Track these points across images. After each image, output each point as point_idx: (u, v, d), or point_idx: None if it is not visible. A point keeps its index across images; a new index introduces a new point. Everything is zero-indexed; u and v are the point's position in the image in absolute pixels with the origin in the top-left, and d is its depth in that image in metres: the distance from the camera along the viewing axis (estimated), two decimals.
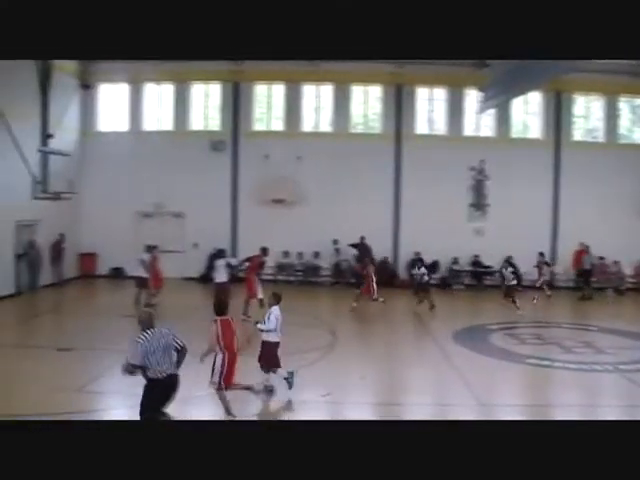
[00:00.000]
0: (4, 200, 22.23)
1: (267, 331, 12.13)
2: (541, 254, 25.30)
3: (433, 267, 27.66)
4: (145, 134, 29.38)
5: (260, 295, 19.47)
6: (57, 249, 26.11)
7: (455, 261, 27.88)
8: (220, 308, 10.89)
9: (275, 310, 12.31)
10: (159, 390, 9.08)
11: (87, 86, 29.04)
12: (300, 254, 28.31)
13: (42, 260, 24.97)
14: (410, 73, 27.31)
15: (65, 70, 26.69)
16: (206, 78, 28.85)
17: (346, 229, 26.98)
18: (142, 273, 21.03)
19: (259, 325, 12.33)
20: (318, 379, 13.57)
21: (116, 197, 28.51)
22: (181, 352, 9.43)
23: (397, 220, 28.54)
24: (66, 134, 27.05)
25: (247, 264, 20.82)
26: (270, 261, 24.40)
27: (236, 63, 27.77)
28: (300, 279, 27.92)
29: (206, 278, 24.83)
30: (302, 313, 20.19)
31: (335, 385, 13.11)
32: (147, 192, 28.47)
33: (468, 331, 18.95)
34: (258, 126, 29.70)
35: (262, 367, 12.33)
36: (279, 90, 29.27)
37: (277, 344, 12.29)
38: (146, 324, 9.25)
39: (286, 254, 28.27)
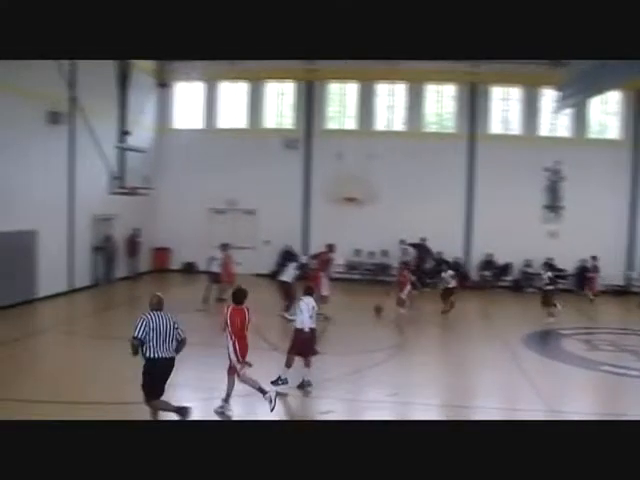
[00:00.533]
0: (83, 194, 22.99)
1: (300, 320, 12.27)
2: (593, 258, 24.29)
3: (505, 270, 27.29)
4: (219, 132, 29.82)
5: (325, 292, 19.56)
6: (132, 243, 26.79)
7: (528, 264, 27.37)
8: (236, 297, 11.03)
9: (306, 299, 12.46)
10: (152, 370, 9.58)
11: (164, 84, 29.72)
12: (371, 253, 28.29)
13: (118, 253, 25.66)
14: (485, 72, 26.97)
15: (143, 69, 27.30)
16: (280, 77, 29.07)
17: (418, 229, 26.86)
18: (215, 269, 21.39)
19: (292, 317, 12.62)
20: (385, 379, 13.56)
21: (190, 193, 29.07)
22: (181, 343, 9.86)
23: (470, 221, 28.23)
24: (143, 131, 27.69)
25: (314, 261, 20.95)
26: (341, 259, 24.49)
27: (310, 62, 27.92)
28: (370, 278, 27.87)
29: (276, 275, 25.03)
30: (371, 312, 20.18)
31: (402, 385, 13.09)
32: (220, 189, 28.92)
33: (539, 335, 18.63)
34: (331, 125, 29.80)
35: (302, 357, 12.42)
36: (352, 89, 29.31)
37: (310, 331, 12.34)
38: (155, 307, 9.89)
39: (357, 252, 28.31)
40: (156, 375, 9.59)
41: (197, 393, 11.78)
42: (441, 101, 29.22)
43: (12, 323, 17.63)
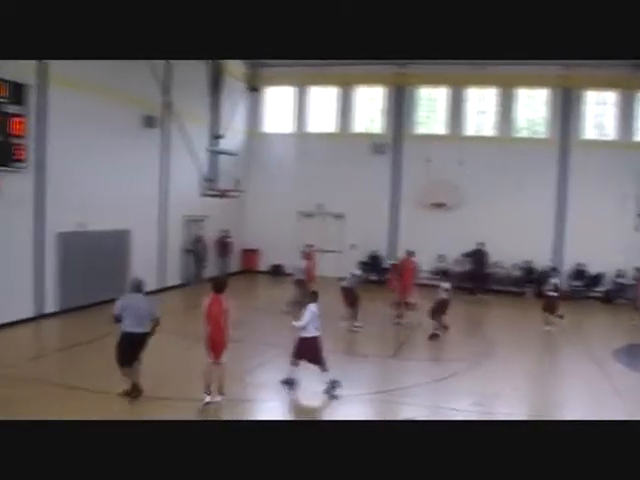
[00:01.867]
0: (175, 196, 23.70)
1: (300, 328, 12.26)
2: (638, 270, 23.08)
3: (596, 280, 26.55)
4: (309, 136, 30.17)
5: (413, 300, 19.65)
6: (223, 244, 27.38)
7: (620, 274, 26.55)
8: (216, 286, 11.52)
9: (310, 307, 12.33)
10: (121, 341, 11.22)
11: (255, 89, 30.24)
12: (458, 260, 27.98)
13: (207, 254, 26.27)
14: (578, 75, 26.42)
15: (234, 74, 27.91)
16: (370, 81, 29.23)
17: (506, 235, 26.51)
18: (299, 275, 21.62)
19: (293, 322, 12.51)
20: (470, 387, 13.47)
21: (279, 196, 29.52)
22: (154, 322, 11.35)
23: (561, 228, 27.58)
24: (234, 135, 28.26)
25: (397, 270, 20.98)
26: (426, 265, 24.38)
27: (400, 66, 27.94)
28: (456, 285, 27.39)
29: None
30: (456, 318, 20.02)
31: (486, 394, 12.96)
32: (309, 192, 29.26)
33: (630, 349, 18.07)
34: (420, 129, 29.69)
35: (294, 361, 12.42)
36: (442, 93, 29.13)
37: (312, 339, 12.24)
38: (134, 289, 11.66)
39: (441, 258, 28.06)
40: (125, 346, 11.08)
41: (280, 394, 11.98)
42: (532, 106, 28.71)
43: (105, 319, 18.23)
